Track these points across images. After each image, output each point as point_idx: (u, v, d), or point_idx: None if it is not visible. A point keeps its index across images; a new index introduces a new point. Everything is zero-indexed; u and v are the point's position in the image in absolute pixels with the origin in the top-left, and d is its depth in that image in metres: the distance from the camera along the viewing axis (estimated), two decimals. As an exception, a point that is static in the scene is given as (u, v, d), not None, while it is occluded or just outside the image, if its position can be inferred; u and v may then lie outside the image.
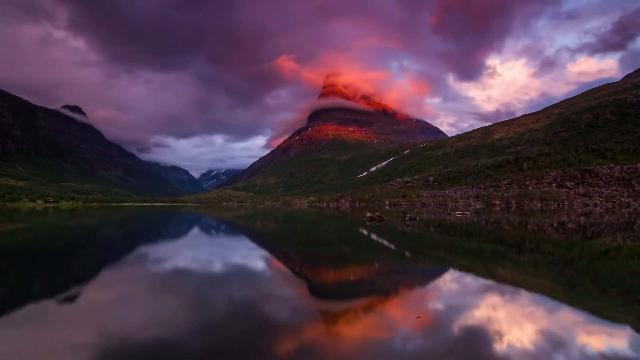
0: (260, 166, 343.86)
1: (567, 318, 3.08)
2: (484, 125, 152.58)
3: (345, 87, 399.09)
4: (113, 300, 3.71)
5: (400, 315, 3.26)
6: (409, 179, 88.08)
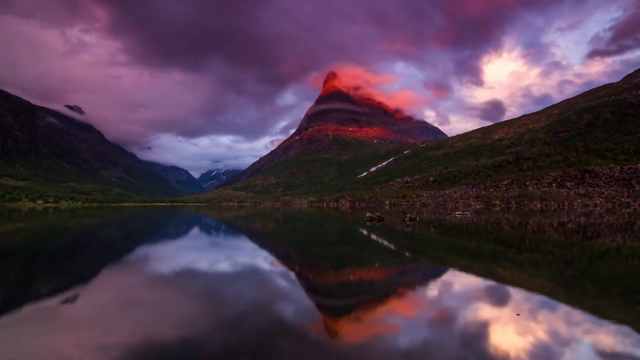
0: (261, 166, 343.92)
1: (567, 318, 3.08)
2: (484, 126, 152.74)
3: (349, 88, 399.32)
4: (116, 301, 3.71)
5: (401, 315, 3.26)
6: (409, 179, 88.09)
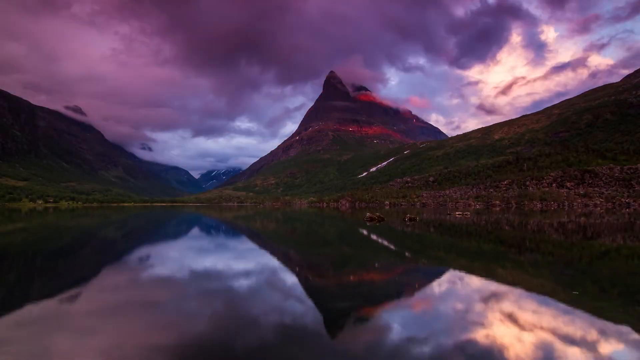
0: (261, 166, 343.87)
1: (567, 318, 3.08)
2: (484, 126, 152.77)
3: (350, 88, 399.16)
4: (116, 301, 3.71)
5: (401, 315, 3.26)
6: (409, 179, 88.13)
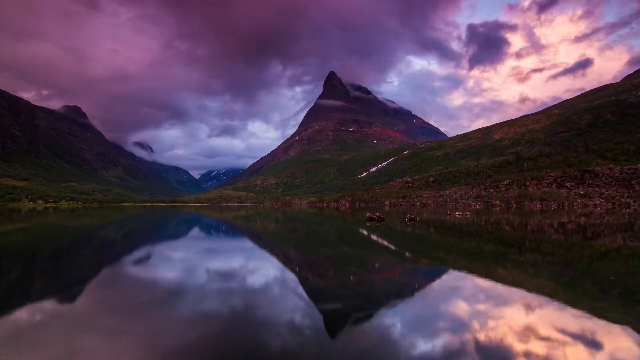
0: (261, 166, 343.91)
1: (568, 319, 3.09)
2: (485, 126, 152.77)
3: (350, 88, 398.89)
4: (116, 302, 3.71)
5: (401, 316, 3.26)
6: (409, 180, 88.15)
